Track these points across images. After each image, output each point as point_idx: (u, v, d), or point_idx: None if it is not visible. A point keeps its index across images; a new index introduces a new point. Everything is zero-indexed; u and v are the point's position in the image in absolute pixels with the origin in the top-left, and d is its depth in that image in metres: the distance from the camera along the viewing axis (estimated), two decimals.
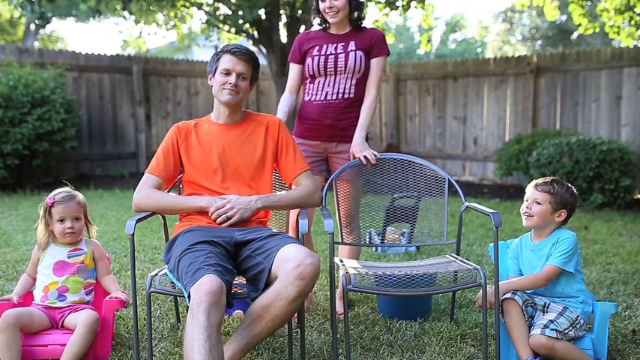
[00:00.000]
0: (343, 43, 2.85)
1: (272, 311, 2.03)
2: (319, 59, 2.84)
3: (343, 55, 2.83)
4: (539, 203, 2.40)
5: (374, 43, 2.86)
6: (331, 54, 2.84)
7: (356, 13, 2.87)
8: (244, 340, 2.08)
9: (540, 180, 2.48)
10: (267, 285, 2.09)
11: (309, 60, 2.88)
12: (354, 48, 2.83)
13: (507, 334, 2.38)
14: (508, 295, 2.31)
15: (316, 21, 2.96)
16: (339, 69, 2.83)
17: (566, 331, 2.24)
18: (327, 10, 2.79)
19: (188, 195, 2.48)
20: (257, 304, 2.07)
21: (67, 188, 2.52)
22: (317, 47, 2.88)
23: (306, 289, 2.02)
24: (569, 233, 2.38)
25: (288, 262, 2.03)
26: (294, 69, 2.98)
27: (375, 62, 2.87)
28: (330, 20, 2.83)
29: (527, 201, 2.46)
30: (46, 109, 6.94)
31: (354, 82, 2.86)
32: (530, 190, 2.47)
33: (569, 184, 2.47)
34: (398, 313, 2.88)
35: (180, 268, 2.06)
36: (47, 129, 6.91)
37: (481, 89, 8.85)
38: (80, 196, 2.50)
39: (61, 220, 2.43)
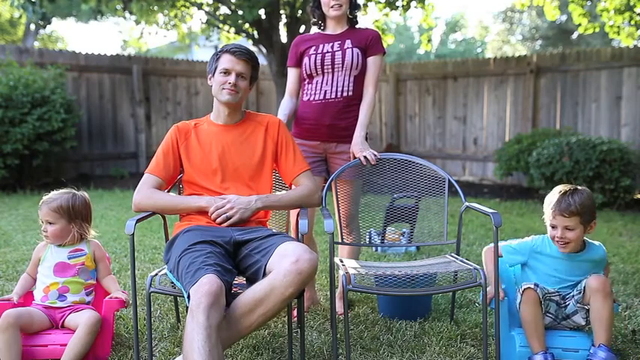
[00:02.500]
0: (339, 42, 2.87)
1: (265, 305, 1.99)
2: (316, 57, 2.86)
3: (340, 52, 2.84)
4: (571, 229, 2.28)
5: (370, 42, 2.88)
6: (328, 52, 2.85)
7: (354, 13, 2.92)
8: (231, 334, 2.02)
9: (561, 203, 2.29)
10: None
11: (306, 59, 2.89)
12: (350, 45, 2.85)
13: (507, 334, 2.38)
14: (530, 286, 2.28)
15: (313, 19, 2.98)
16: (336, 66, 2.84)
17: None
18: (333, 3, 2.81)
19: (188, 195, 2.48)
20: (248, 296, 2.02)
21: (62, 190, 2.50)
22: (313, 47, 2.89)
23: (303, 284, 2.01)
24: (600, 247, 2.41)
25: (287, 257, 2.02)
26: (292, 73, 2.99)
27: (372, 61, 2.88)
28: (332, 14, 2.84)
29: (553, 228, 2.32)
30: (46, 109, 6.94)
31: (351, 79, 2.87)
32: (553, 215, 2.31)
33: (580, 187, 2.35)
34: (398, 313, 2.88)
35: (180, 268, 2.06)
36: (47, 129, 6.91)
37: (481, 89, 8.86)
38: (60, 200, 2.42)
39: (41, 222, 2.45)
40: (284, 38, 8.07)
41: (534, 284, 2.31)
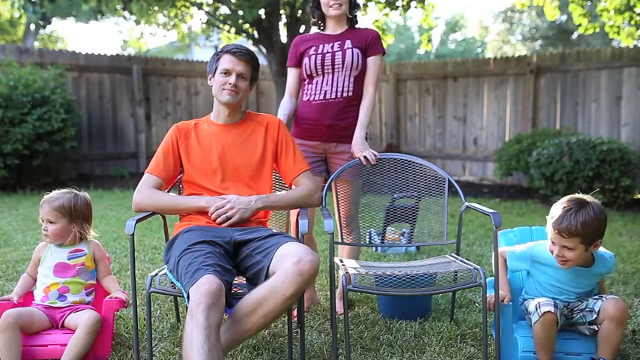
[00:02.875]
0: (340, 42, 2.87)
1: (266, 306, 1.99)
2: (316, 57, 2.86)
3: (340, 52, 2.84)
4: (570, 249, 2.17)
5: (369, 43, 2.88)
6: (328, 52, 2.85)
7: (353, 12, 2.93)
8: (233, 336, 2.04)
9: (562, 221, 2.15)
10: None
11: (306, 60, 2.89)
12: (350, 46, 2.85)
13: (507, 334, 2.38)
14: (551, 309, 2.18)
15: (313, 19, 2.99)
16: (336, 66, 2.84)
17: None
18: (332, 2, 2.81)
19: (188, 195, 2.48)
20: (250, 298, 2.03)
21: (64, 190, 2.50)
22: (314, 47, 2.89)
23: (304, 286, 2.01)
24: (611, 261, 2.31)
25: (288, 258, 2.02)
26: (292, 73, 2.99)
27: (372, 61, 2.89)
28: (331, 13, 2.84)
29: (553, 243, 2.21)
30: (46, 109, 6.94)
31: (352, 79, 2.87)
32: (554, 235, 2.19)
33: (591, 200, 2.19)
34: (398, 313, 2.88)
35: (180, 268, 2.06)
36: (47, 129, 6.91)
37: (481, 89, 8.86)
38: (62, 200, 2.42)
39: (42, 221, 2.44)
40: (284, 38, 8.08)
41: (554, 305, 2.20)
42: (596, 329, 2.24)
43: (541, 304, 2.20)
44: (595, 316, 2.24)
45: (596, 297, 2.29)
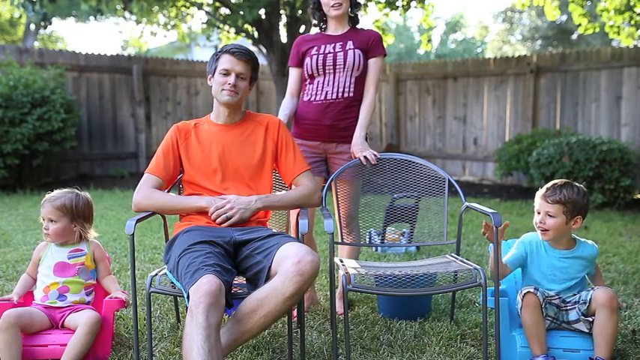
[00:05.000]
0: (341, 43, 2.87)
1: (266, 306, 2.00)
2: (318, 57, 2.86)
3: (342, 53, 2.84)
4: (552, 216, 2.32)
5: (371, 44, 2.88)
6: (330, 52, 2.86)
7: (354, 11, 2.93)
8: (233, 336, 2.04)
9: (548, 189, 2.35)
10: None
11: (307, 60, 2.89)
12: (352, 47, 2.85)
13: (507, 334, 2.38)
14: (530, 290, 2.28)
15: (314, 21, 2.99)
16: (338, 66, 2.84)
17: None
18: (332, 2, 2.81)
19: (188, 195, 2.48)
20: (251, 298, 2.04)
21: (65, 189, 2.51)
22: (315, 47, 2.90)
23: (304, 286, 2.01)
24: (593, 247, 2.41)
25: (289, 259, 2.02)
26: (293, 73, 2.99)
27: (373, 62, 2.89)
28: (332, 14, 2.84)
29: (538, 214, 2.36)
30: (46, 109, 6.95)
31: (353, 80, 2.87)
32: (539, 201, 2.36)
33: (578, 184, 2.36)
34: (398, 313, 2.88)
35: (180, 268, 2.06)
36: (47, 129, 6.91)
37: (481, 89, 8.86)
38: (63, 199, 2.43)
39: (43, 220, 2.45)
40: (284, 38, 8.08)
41: (534, 288, 2.29)
42: (591, 320, 2.26)
43: (522, 290, 2.30)
44: (587, 305, 2.28)
45: (588, 289, 2.35)
